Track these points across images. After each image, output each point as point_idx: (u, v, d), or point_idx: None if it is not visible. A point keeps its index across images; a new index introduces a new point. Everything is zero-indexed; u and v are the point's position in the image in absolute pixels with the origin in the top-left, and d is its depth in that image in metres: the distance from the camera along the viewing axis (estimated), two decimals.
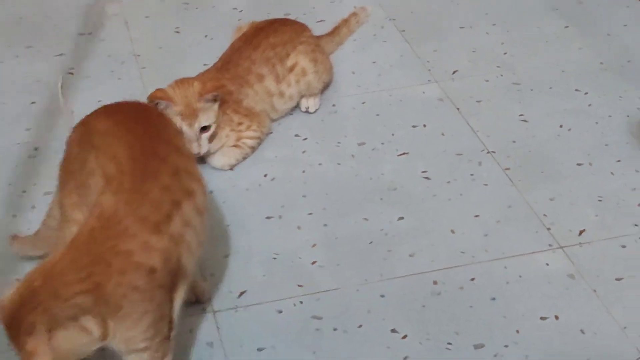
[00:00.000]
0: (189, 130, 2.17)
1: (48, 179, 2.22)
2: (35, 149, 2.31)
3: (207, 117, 2.19)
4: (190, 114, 2.17)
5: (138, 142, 1.64)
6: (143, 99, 2.38)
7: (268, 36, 2.36)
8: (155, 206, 1.56)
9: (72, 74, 2.57)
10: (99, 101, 2.43)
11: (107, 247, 1.50)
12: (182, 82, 2.21)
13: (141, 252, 1.52)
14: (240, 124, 2.28)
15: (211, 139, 2.24)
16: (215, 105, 2.21)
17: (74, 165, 1.71)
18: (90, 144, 1.68)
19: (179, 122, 2.16)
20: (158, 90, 2.20)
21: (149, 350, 1.57)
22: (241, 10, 2.84)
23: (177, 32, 2.77)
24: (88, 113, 1.80)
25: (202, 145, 2.20)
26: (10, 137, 2.35)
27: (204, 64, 2.48)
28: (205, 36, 2.74)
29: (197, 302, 1.91)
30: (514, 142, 2.31)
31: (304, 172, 2.25)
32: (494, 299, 1.90)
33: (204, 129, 2.20)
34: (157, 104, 2.16)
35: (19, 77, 2.57)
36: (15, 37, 2.73)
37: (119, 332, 1.52)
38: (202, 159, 2.25)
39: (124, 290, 1.49)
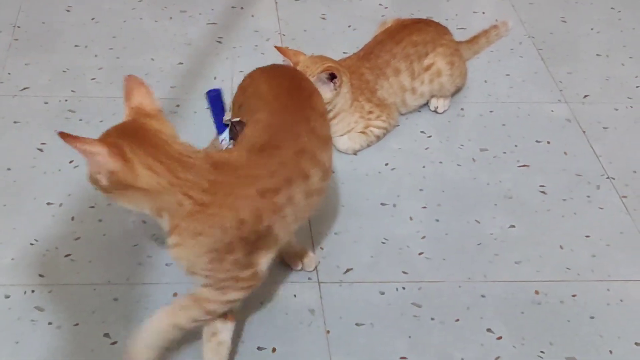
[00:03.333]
0: None
1: (185, 133, 2.33)
2: (177, 105, 2.44)
3: None
4: None
5: (279, 113, 1.72)
6: None
7: (411, 34, 2.44)
8: (269, 176, 1.62)
9: (220, 42, 2.72)
10: (241, 71, 2.56)
11: (228, 182, 1.57)
12: (320, 57, 2.30)
13: (241, 201, 1.57)
14: (370, 112, 2.36)
15: (340, 122, 2.34)
16: (329, 87, 2.24)
17: (236, 111, 1.83)
18: (247, 100, 1.79)
19: None
20: (296, 51, 2.30)
21: (210, 287, 1.62)
22: (386, 7, 2.93)
23: (323, 18, 2.87)
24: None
25: None
26: (155, 91, 2.46)
27: (344, 52, 2.58)
28: (349, 26, 2.83)
29: (303, 269, 2.00)
30: (635, 172, 2.32)
31: (424, 167, 2.32)
32: (592, 317, 1.93)
33: None
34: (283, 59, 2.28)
35: (170, 38, 2.72)
36: (171, 1, 2.89)
37: (186, 250, 1.57)
38: None
39: (213, 221, 1.55)
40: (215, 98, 1.98)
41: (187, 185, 1.52)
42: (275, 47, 2.33)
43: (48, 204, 2.11)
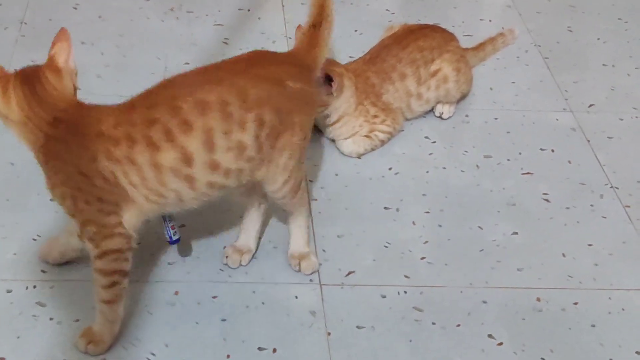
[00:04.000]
0: None
1: None
2: None
3: None
4: None
5: (178, 83, 1.73)
6: None
7: (417, 39, 2.44)
8: (112, 126, 1.67)
9: (226, 43, 2.73)
10: None
11: (71, 119, 1.69)
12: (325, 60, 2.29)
13: (75, 137, 1.68)
14: (375, 116, 2.37)
15: (344, 125, 2.34)
16: (325, 90, 2.24)
17: None
18: None
19: None
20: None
21: (89, 242, 1.74)
22: (393, 13, 2.94)
23: None
24: None
25: None
26: None
27: (350, 56, 2.58)
28: (355, 31, 2.84)
29: (300, 271, 2.00)
30: (639, 182, 2.32)
31: (427, 172, 2.32)
32: (593, 325, 1.93)
33: None
34: None
35: (176, 38, 2.73)
36: (178, 1, 2.90)
37: (47, 183, 1.73)
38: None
39: (52, 153, 1.69)
40: None
41: (39, 119, 1.68)
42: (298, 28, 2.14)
43: (51, 200, 2.10)
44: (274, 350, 1.82)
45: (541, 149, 2.44)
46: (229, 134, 1.70)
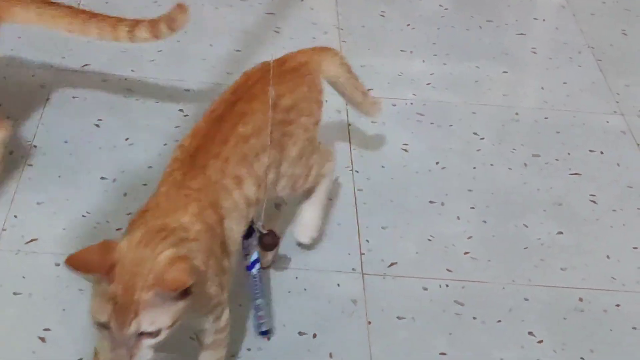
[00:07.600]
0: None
1: None
2: None
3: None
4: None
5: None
6: None
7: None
8: None
9: (277, 32, 2.75)
10: None
11: None
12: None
13: None
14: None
15: None
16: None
17: None
18: None
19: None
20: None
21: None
22: (447, 9, 2.93)
23: (382, 15, 2.88)
24: None
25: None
26: (211, 77, 2.52)
27: (401, 50, 2.59)
28: (408, 25, 2.84)
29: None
30: None
31: (474, 168, 2.32)
32: (635, 328, 1.92)
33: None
34: None
35: (229, 25, 2.75)
36: None
37: None
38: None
39: None
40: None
41: None
42: None
43: (102, 178, 2.14)
44: (314, 336, 1.83)
45: (590, 151, 2.42)
46: None
